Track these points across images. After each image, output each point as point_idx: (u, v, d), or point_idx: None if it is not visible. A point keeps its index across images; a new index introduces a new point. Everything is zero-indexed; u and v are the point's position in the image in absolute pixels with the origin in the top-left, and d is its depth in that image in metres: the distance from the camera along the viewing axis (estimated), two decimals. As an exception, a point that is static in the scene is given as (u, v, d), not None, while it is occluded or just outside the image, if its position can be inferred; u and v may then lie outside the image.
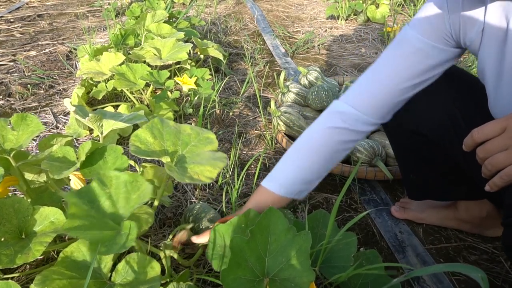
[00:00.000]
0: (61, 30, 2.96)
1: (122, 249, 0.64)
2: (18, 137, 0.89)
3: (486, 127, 0.61)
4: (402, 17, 3.26)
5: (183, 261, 0.93)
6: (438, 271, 0.70)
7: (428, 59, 0.80)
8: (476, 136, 0.62)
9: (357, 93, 0.89)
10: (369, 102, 0.86)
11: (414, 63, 0.81)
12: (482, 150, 0.61)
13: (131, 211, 0.70)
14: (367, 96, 0.87)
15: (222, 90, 2.02)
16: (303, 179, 0.89)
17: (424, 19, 0.79)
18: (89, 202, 0.71)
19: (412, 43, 0.80)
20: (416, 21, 0.81)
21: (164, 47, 1.82)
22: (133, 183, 0.74)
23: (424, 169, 1.07)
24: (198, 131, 0.93)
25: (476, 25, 0.73)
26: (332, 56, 2.52)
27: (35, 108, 1.87)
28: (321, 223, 0.95)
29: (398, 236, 1.13)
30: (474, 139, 0.62)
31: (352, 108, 0.87)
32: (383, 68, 0.86)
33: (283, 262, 0.75)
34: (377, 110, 0.86)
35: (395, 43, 0.84)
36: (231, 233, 0.81)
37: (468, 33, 0.75)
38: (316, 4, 3.79)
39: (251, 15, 3.38)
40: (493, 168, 0.60)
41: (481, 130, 0.61)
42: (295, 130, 1.51)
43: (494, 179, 0.61)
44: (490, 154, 0.60)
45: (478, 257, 1.07)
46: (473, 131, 0.62)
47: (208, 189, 1.32)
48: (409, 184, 1.14)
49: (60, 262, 0.70)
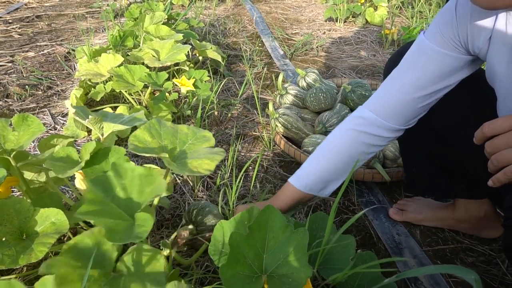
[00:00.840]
0: (60, 31, 2.96)
1: (137, 239, 0.66)
2: (19, 138, 0.89)
3: (496, 122, 0.61)
4: (400, 19, 3.28)
5: (183, 261, 0.93)
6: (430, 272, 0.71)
7: (442, 67, 0.84)
8: (486, 130, 0.62)
9: (377, 100, 0.94)
10: (388, 110, 0.91)
11: (428, 72, 0.85)
12: (490, 145, 0.62)
13: (145, 203, 0.73)
14: (386, 104, 0.92)
15: (220, 92, 2.03)
16: (325, 178, 0.98)
17: (435, 29, 0.83)
18: (104, 191, 0.74)
19: (425, 53, 0.84)
20: (429, 30, 0.85)
21: (163, 49, 1.82)
22: (148, 177, 0.77)
23: (427, 163, 1.08)
24: (194, 130, 0.96)
25: (482, 34, 0.76)
26: (331, 58, 2.53)
27: (33, 109, 1.87)
28: (320, 225, 0.96)
29: (396, 238, 1.14)
30: (484, 132, 0.63)
31: (373, 114, 0.93)
32: (399, 77, 0.90)
33: (280, 259, 0.77)
34: (397, 116, 0.91)
35: (411, 52, 0.88)
36: (234, 229, 0.82)
37: (476, 42, 0.78)
38: (315, 6, 3.80)
39: (250, 17, 3.39)
40: (498, 164, 0.61)
41: (491, 125, 0.62)
42: (293, 132, 1.52)
43: (498, 174, 0.62)
44: (498, 150, 0.61)
45: (475, 259, 1.08)
46: (484, 124, 0.63)
47: (206, 190, 1.33)
48: (411, 178, 1.15)
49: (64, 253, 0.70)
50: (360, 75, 2.27)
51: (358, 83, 1.62)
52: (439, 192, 1.12)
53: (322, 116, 1.56)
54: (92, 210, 0.69)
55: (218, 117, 1.76)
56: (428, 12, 3.32)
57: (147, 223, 0.69)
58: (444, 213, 1.16)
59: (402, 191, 1.34)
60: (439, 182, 1.09)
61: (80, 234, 0.74)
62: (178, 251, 1.03)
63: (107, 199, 0.74)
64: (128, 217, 0.73)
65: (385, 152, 1.36)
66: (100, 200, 0.73)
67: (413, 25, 2.94)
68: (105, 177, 0.76)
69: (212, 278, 0.98)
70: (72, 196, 1.28)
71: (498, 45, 0.75)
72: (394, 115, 0.91)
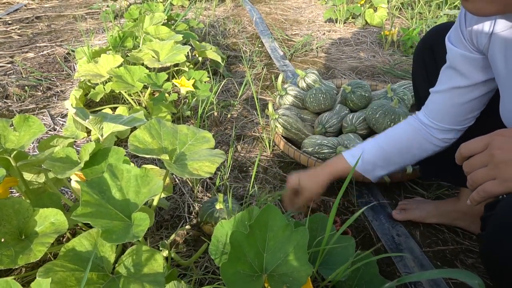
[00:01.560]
0: (59, 32, 2.96)
1: (133, 238, 0.67)
2: (20, 138, 0.89)
3: (471, 143, 0.64)
4: (400, 20, 3.28)
5: (182, 261, 0.93)
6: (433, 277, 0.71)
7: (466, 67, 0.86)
8: (463, 150, 0.65)
9: (428, 103, 0.99)
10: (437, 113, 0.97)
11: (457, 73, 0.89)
12: (467, 165, 0.64)
13: (141, 204, 0.73)
14: (435, 108, 0.98)
15: (220, 93, 2.03)
16: (374, 162, 1.04)
17: (453, 30, 0.88)
18: (100, 193, 0.75)
19: (450, 54, 0.89)
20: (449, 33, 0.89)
21: (162, 50, 1.82)
22: (144, 177, 0.77)
23: None
24: (194, 131, 0.96)
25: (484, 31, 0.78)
26: (330, 59, 2.53)
27: (32, 110, 1.87)
28: (319, 225, 0.96)
29: (396, 239, 1.14)
30: (461, 153, 0.65)
31: (425, 116, 0.99)
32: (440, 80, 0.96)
33: (281, 258, 0.77)
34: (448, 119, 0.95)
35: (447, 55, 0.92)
36: (234, 229, 0.82)
37: (479, 38, 0.81)
38: (315, 7, 3.81)
39: (250, 18, 3.39)
40: (474, 183, 0.63)
41: (467, 145, 0.64)
42: (292, 133, 1.52)
43: (473, 194, 0.63)
44: (473, 169, 0.63)
45: (475, 260, 1.08)
46: (461, 146, 0.65)
47: (206, 191, 1.33)
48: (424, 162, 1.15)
49: (62, 256, 0.71)
50: (360, 76, 2.27)
51: (357, 84, 1.62)
52: (448, 178, 1.13)
53: (321, 117, 1.56)
54: (89, 212, 0.69)
55: (218, 117, 1.76)
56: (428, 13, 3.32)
57: (143, 222, 0.69)
58: (447, 207, 1.18)
59: (402, 192, 1.34)
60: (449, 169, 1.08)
61: (78, 236, 0.75)
62: (177, 252, 1.03)
63: (103, 200, 0.74)
64: (125, 218, 0.73)
65: (384, 152, 1.36)
66: (96, 201, 0.73)
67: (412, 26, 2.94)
68: (101, 179, 0.76)
69: (212, 279, 0.98)
70: (71, 197, 1.28)
71: (497, 41, 0.77)
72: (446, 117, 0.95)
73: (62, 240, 1.06)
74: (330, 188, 1.35)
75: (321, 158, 1.38)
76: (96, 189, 0.74)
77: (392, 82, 2.15)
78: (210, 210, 1.08)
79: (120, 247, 0.91)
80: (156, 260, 0.74)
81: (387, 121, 1.39)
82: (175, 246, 0.94)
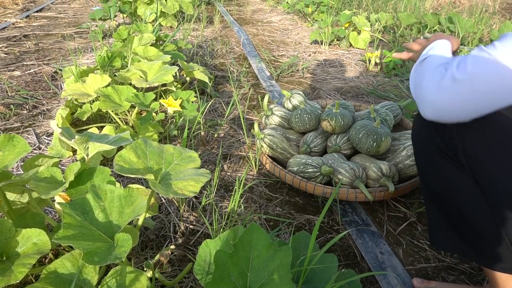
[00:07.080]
0: (47, 51, 2.96)
1: (116, 260, 0.66)
2: (4, 158, 0.89)
3: None
4: (382, 43, 3.39)
5: (167, 282, 0.93)
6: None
7: None
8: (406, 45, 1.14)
9: None
10: None
11: None
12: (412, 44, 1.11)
13: (124, 224, 0.73)
14: None
15: (207, 112, 2.05)
16: None
17: None
18: (83, 214, 0.74)
19: None
20: None
21: (150, 70, 1.85)
22: (128, 197, 0.78)
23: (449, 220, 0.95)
24: (180, 151, 0.97)
25: None
26: (316, 79, 2.59)
27: (17, 128, 1.86)
28: (303, 244, 0.97)
29: (379, 257, 1.15)
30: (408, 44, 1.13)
31: None
32: None
33: (265, 277, 0.77)
34: None
35: None
36: (219, 248, 0.82)
37: None
38: (301, 29, 3.90)
39: (238, 39, 3.45)
40: None
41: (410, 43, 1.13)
42: (278, 152, 1.54)
43: None
44: None
45: (456, 277, 1.10)
46: None
47: (192, 210, 1.33)
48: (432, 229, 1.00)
49: (43, 279, 0.70)
50: (345, 97, 2.33)
51: (342, 105, 1.66)
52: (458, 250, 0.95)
53: (306, 137, 1.59)
54: (71, 234, 0.69)
55: (205, 137, 1.78)
56: (409, 37, 3.43)
57: (126, 243, 0.69)
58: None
59: (385, 210, 1.37)
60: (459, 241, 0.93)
61: (60, 258, 0.74)
62: (162, 272, 1.02)
63: (86, 221, 0.74)
64: (108, 239, 0.73)
65: (368, 172, 1.39)
66: (79, 223, 0.73)
67: (394, 49, 3.03)
68: (84, 200, 0.76)
69: (196, 299, 0.98)
70: (55, 217, 1.26)
71: None
72: None
73: (44, 261, 1.05)
74: (315, 207, 1.37)
75: (306, 177, 1.40)
76: (79, 210, 0.74)
77: (375, 103, 2.20)
78: None
79: (103, 268, 0.91)
80: (140, 281, 0.74)
81: (370, 141, 1.43)
82: (160, 266, 0.94)
